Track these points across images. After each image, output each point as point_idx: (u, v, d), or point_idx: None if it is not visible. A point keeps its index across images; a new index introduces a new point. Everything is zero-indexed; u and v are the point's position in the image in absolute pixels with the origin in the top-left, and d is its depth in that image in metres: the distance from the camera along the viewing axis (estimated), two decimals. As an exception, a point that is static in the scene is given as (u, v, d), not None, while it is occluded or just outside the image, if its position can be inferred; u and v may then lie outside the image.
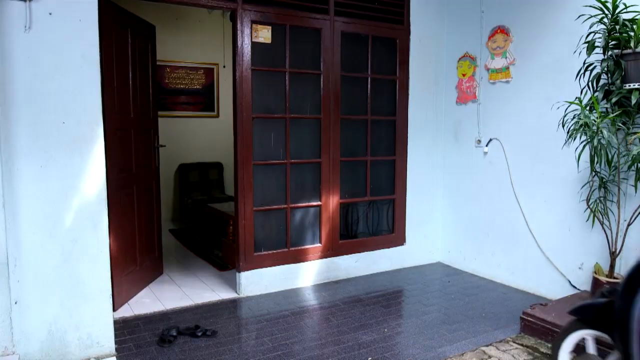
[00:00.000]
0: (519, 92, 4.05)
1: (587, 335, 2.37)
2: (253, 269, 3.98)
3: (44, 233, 2.69)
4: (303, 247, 4.21)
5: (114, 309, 3.34)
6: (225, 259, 4.88)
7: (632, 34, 3.04)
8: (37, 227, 2.67)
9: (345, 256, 4.37)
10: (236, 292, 4.00)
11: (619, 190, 3.25)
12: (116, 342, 2.99)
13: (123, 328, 3.28)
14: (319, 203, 4.27)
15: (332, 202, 4.30)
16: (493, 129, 4.27)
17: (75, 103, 2.72)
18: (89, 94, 2.76)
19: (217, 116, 7.22)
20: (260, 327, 3.35)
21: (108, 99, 3.35)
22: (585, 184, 3.43)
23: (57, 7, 2.64)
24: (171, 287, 4.13)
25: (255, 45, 3.84)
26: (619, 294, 2.06)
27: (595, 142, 3.04)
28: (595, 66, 3.26)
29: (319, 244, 4.28)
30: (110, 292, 2.92)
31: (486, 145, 4.29)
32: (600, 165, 3.19)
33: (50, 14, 2.62)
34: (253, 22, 3.80)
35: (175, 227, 6.59)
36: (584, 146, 3.17)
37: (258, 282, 4.00)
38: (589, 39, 3.23)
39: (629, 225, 3.20)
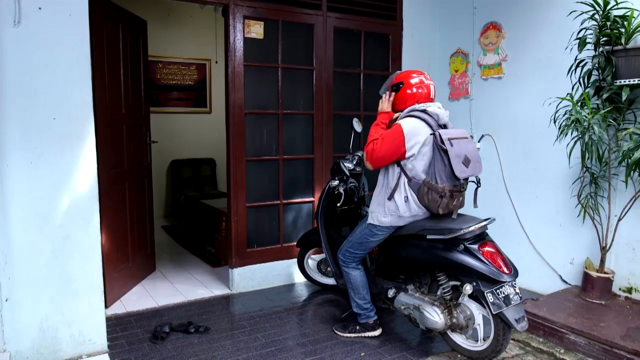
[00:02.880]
0: (511, 88, 4.06)
1: (309, 254, 3.98)
2: (246, 265, 3.97)
3: (35, 230, 2.67)
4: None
5: (106, 306, 3.32)
6: (218, 255, 4.87)
7: (622, 30, 3.06)
8: (28, 224, 2.65)
9: (338, 252, 4.37)
10: (229, 288, 3.99)
11: (609, 185, 3.28)
12: (108, 339, 2.98)
13: (115, 325, 3.27)
14: (311, 199, 4.26)
15: (325, 198, 4.29)
16: (485, 125, 4.28)
17: (66, 99, 2.70)
18: (80, 90, 2.74)
19: (210, 112, 7.19)
20: (253, 323, 3.35)
21: (99, 94, 3.32)
22: (577, 180, 3.45)
23: (47, 1, 2.60)
24: (164, 284, 4.12)
25: (247, 41, 3.82)
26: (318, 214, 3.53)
27: (587, 138, 3.06)
28: (586, 62, 3.27)
29: (312, 240, 4.28)
30: (102, 289, 2.90)
31: (478, 141, 4.31)
32: (591, 161, 3.21)
33: (39, 8, 2.59)
34: (245, 17, 3.78)
35: (167, 224, 6.57)
36: (575, 142, 3.19)
37: (251, 278, 4.00)
38: (580, 35, 3.24)
39: (619, 220, 3.23)
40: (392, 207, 2.78)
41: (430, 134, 2.71)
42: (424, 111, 2.77)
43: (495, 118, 4.21)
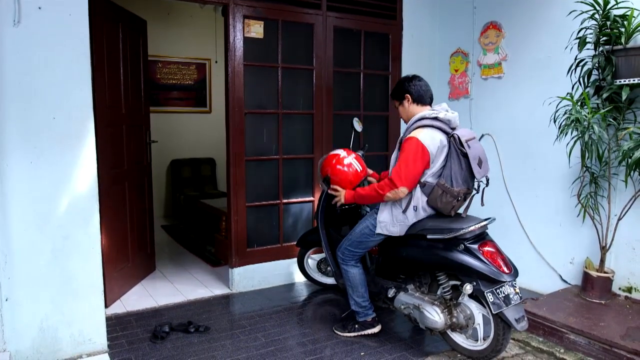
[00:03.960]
0: (510, 87, 4.06)
1: (309, 254, 3.98)
2: (246, 264, 3.98)
3: (35, 229, 2.66)
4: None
5: (106, 306, 3.33)
6: (218, 255, 4.87)
7: (622, 29, 3.06)
8: (28, 224, 2.65)
9: (338, 252, 4.37)
10: (229, 288, 3.99)
11: (609, 185, 3.28)
12: (108, 339, 2.98)
13: (115, 324, 3.27)
14: (311, 199, 4.26)
15: (325, 197, 4.29)
16: (485, 125, 4.27)
17: (65, 98, 2.69)
18: (80, 89, 2.73)
19: (210, 112, 7.19)
20: (253, 323, 3.35)
21: (99, 94, 3.32)
22: (576, 179, 3.45)
23: (47, 1, 2.60)
24: (164, 284, 4.12)
25: (247, 41, 3.82)
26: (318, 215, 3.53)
27: (586, 137, 3.06)
28: (586, 62, 3.27)
29: (311, 240, 4.28)
30: (102, 289, 2.90)
31: (479, 141, 4.29)
32: (591, 160, 3.21)
33: (39, 7, 2.59)
34: (245, 17, 3.78)
35: (167, 223, 6.57)
36: (575, 142, 3.19)
37: (251, 277, 4.00)
38: (580, 34, 3.24)
39: (619, 220, 3.23)
40: (400, 217, 2.78)
41: (448, 137, 2.71)
42: (435, 119, 2.77)
43: (495, 118, 4.21)
